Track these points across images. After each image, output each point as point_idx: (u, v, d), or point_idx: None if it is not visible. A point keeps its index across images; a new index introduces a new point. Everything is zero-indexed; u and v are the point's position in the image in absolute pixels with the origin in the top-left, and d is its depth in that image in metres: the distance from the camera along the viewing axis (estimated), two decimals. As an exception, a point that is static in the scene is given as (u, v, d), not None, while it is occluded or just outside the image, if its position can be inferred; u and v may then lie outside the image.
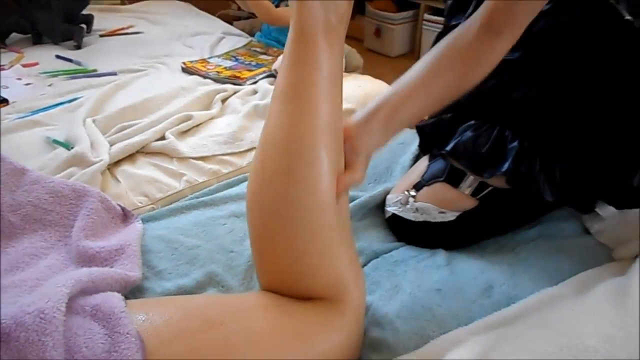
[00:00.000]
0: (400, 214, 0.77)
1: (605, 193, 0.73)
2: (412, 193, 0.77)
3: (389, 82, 0.70)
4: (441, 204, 0.75)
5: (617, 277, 0.64)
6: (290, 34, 0.57)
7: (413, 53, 2.61)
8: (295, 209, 0.53)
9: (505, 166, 0.70)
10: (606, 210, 0.78)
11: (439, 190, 0.76)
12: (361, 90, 1.22)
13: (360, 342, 0.60)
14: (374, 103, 0.64)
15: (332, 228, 0.56)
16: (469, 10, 0.78)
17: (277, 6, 1.64)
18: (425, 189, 0.77)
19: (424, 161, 0.81)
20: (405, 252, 0.75)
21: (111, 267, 0.66)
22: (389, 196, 0.81)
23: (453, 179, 0.75)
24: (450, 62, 0.62)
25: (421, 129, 0.83)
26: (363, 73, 1.91)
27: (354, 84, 1.27)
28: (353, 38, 2.77)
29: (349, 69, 1.83)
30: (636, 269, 0.63)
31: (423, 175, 0.78)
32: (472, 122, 0.76)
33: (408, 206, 0.77)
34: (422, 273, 0.70)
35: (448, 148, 0.74)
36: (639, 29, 0.64)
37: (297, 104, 0.55)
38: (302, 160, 0.54)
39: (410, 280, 0.69)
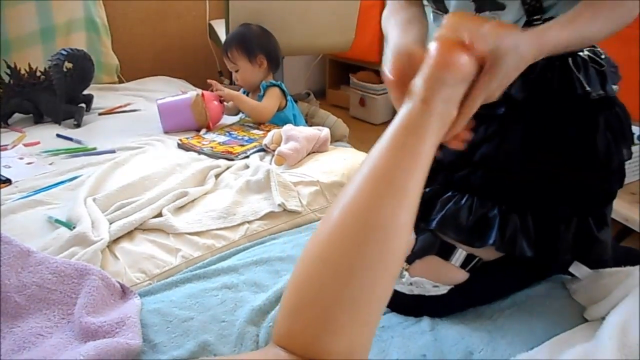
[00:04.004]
0: (395, 287, 0.80)
1: (575, 247, 0.79)
2: (405, 266, 0.81)
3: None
4: (435, 278, 0.80)
5: (585, 341, 0.69)
6: (399, 126, 0.59)
7: (396, 120, 2.76)
8: (365, 277, 0.54)
9: (493, 237, 0.76)
10: (582, 271, 0.84)
11: (432, 263, 0.80)
12: (346, 163, 1.30)
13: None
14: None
15: (381, 306, 0.57)
16: None
17: (263, 95, 1.74)
18: (418, 262, 0.81)
19: None
20: (392, 318, 0.79)
21: (113, 338, 0.70)
22: None
23: (444, 252, 0.80)
24: None
25: None
26: (349, 139, 2.03)
27: (339, 156, 1.36)
28: (339, 107, 2.92)
29: (336, 138, 1.94)
30: (601, 336, 0.68)
31: (413, 248, 0.82)
32: (450, 193, 0.82)
33: (403, 279, 0.81)
34: (407, 339, 0.74)
35: (434, 224, 0.79)
36: (593, 100, 0.74)
37: (393, 189, 0.56)
38: (385, 235, 0.55)
39: (397, 346, 0.74)
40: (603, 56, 0.79)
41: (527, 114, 0.77)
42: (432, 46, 0.62)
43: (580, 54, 0.76)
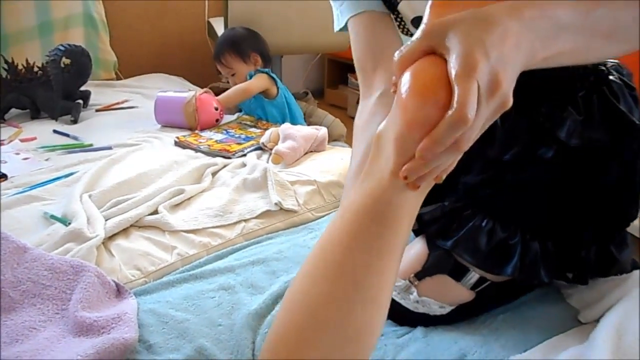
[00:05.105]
0: (400, 301, 0.79)
1: (596, 269, 0.76)
2: (415, 282, 0.79)
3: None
4: (441, 297, 0.78)
5: (579, 343, 0.69)
6: (360, 210, 0.48)
7: (394, 121, 2.76)
8: None
9: (512, 267, 0.73)
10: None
11: (441, 282, 0.78)
12: (344, 163, 1.30)
13: None
14: None
15: None
16: None
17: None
18: (427, 279, 0.78)
19: (419, 241, 0.83)
20: (385, 327, 0.78)
21: (108, 334, 0.70)
22: None
23: (456, 273, 0.78)
24: None
25: (419, 216, 0.83)
26: (347, 139, 2.03)
27: (336, 156, 1.36)
28: (337, 106, 2.92)
29: (333, 137, 1.94)
30: (595, 338, 0.68)
31: (424, 264, 0.79)
32: (469, 212, 0.77)
33: (411, 297, 0.79)
34: (400, 347, 0.74)
35: (449, 243, 0.76)
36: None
37: (363, 291, 0.48)
38: (357, 346, 0.50)
39: (390, 354, 0.73)
40: (625, 72, 0.73)
41: (572, 152, 0.71)
42: (403, 84, 0.43)
43: (612, 77, 0.70)
